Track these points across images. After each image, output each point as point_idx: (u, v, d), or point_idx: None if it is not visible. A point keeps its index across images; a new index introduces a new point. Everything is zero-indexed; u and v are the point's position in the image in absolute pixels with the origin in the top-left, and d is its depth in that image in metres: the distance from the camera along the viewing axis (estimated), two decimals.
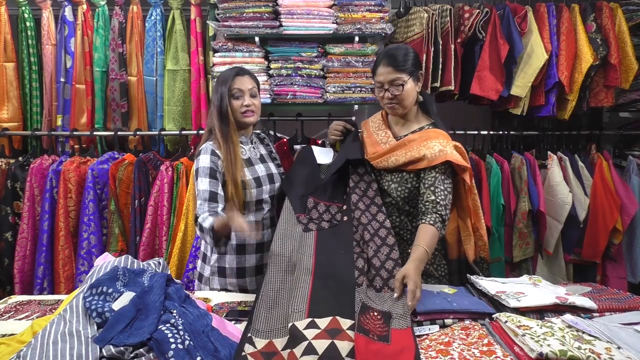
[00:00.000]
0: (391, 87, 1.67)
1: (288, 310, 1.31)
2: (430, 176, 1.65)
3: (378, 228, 1.63)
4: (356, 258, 1.55)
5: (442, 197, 1.60)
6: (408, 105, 1.72)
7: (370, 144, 1.83)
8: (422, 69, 1.77)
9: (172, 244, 2.49)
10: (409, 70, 1.66)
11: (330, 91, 2.59)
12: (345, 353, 1.12)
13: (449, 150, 1.64)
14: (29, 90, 2.83)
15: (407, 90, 1.67)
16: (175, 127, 2.77)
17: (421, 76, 1.74)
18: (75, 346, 1.10)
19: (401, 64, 1.65)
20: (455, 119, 2.97)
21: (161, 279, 1.35)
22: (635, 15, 2.79)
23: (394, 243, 1.59)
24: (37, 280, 2.51)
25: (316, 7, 2.49)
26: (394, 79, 1.66)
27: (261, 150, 1.94)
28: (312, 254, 1.54)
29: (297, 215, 1.72)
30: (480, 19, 2.65)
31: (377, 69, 1.70)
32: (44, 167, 2.60)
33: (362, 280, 1.46)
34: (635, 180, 2.88)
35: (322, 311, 1.28)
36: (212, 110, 1.79)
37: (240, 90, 1.77)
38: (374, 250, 1.56)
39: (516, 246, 2.80)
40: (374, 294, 1.45)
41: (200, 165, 1.73)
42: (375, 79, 1.73)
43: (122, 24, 2.78)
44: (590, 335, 1.18)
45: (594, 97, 2.84)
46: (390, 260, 1.54)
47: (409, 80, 1.67)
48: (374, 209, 1.69)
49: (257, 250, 1.83)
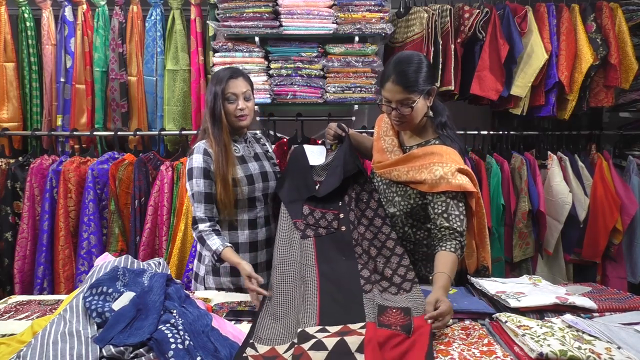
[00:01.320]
0: (400, 106, 1.53)
1: (297, 319, 1.32)
2: (440, 201, 1.51)
3: (385, 240, 1.63)
4: (361, 268, 1.54)
5: (458, 224, 1.48)
6: (416, 122, 1.59)
7: (377, 150, 1.76)
8: (436, 81, 1.62)
9: (172, 244, 2.49)
10: (420, 89, 1.51)
11: (330, 91, 2.59)
12: (355, 348, 1.12)
13: (450, 177, 1.49)
14: (29, 90, 2.83)
15: (417, 109, 1.53)
16: (175, 127, 2.78)
17: (433, 91, 1.58)
18: (75, 346, 1.10)
19: (412, 83, 1.50)
20: (455, 119, 2.96)
21: (161, 279, 1.35)
22: (635, 15, 2.79)
23: (403, 252, 1.59)
24: (37, 280, 2.51)
25: (316, 7, 2.49)
26: (403, 99, 1.51)
27: (256, 149, 1.93)
28: (314, 264, 1.54)
29: (294, 220, 1.71)
30: (480, 19, 2.64)
31: (386, 84, 1.53)
32: (44, 167, 2.60)
33: (370, 287, 1.46)
34: (635, 180, 2.88)
35: (333, 322, 1.29)
36: (206, 111, 1.78)
37: (235, 94, 1.75)
38: (383, 263, 1.57)
39: (516, 246, 2.80)
40: (390, 296, 1.46)
41: (193, 166, 1.73)
42: (382, 92, 1.56)
43: (122, 24, 2.78)
44: (590, 335, 1.18)
45: (594, 97, 2.84)
46: (402, 267, 1.55)
47: (419, 99, 1.52)
48: (378, 221, 1.67)
49: (250, 249, 1.82)
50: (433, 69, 1.59)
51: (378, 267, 1.56)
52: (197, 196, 1.71)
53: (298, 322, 1.31)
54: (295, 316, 1.35)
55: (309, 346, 1.12)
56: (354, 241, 1.63)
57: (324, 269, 1.52)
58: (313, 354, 1.10)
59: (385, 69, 1.56)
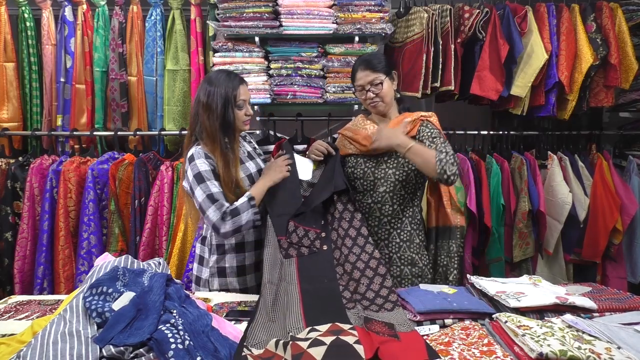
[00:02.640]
0: (371, 87, 1.85)
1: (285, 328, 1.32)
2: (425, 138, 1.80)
3: (368, 260, 1.65)
4: (342, 290, 1.55)
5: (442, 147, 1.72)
6: (388, 101, 1.88)
7: (363, 137, 1.90)
8: (395, 69, 1.94)
9: (172, 244, 2.49)
10: (384, 70, 1.85)
11: (330, 91, 2.59)
12: (352, 341, 1.13)
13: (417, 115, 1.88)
14: (29, 90, 2.83)
15: (385, 88, 1.85)
16: (175, 127, 2.78)
17: (395, 75, 1.92)
18: (75, 346, 1.10)
19: (377, 65, 1.84)
20: (455, 119, 2.98)
21: (161, 279, 1.35)
22: (635, 15, 2.79)
23: (385, 272, 1.63)
24: (37, 280, 2.51)
25: (316, 7, 2.49)
26: (372, 80, 1.84)
27: (247, 148, 1.93)
28: (296, 283, 1.55)
29: (278, 238, 1.71)
30: (480, 19, 2.64)
31: (356, 74, 1.88)
32: (44, 167, 2.60)
33: (353, 305, 1.48)
34: (635, 180, 2.88)
35: (319, 322, 1.29)
36: (211, 117, 1.70)
37: (244, 100, 1.77)
38: (365, 285, 1.58)
39: (516, 246, 2.80)
40: (372, 313, 1.47)
41: (201, 170, 1.67)
42: (355, 84, 1.90)
43: (122, 24, 2.78)
44: (590, 335, 1.18)
45: (594, 97, 2.84)
46: (385, 289, 1.57)
47: (385, 79, 1.85)
48: (361, 240, 1.70)
49: (256, 247, 1.83)
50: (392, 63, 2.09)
51: (360, 289, 1.58)
52: (217, 195, 1.64)
53: (285, 329, 1.31)
54: (282, 325, 1.35)
55: (307, 345, 1.12)
56: (335, 261, 1.65)
57: (305, 287, 1.54)
58: (313, 350, 1.10)
59: (353, 67, 1.93)
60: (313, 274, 1.60)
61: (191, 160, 1.70)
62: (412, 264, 1.88)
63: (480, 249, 2.77)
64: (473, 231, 2.72)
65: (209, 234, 1.83)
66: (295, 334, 1.24)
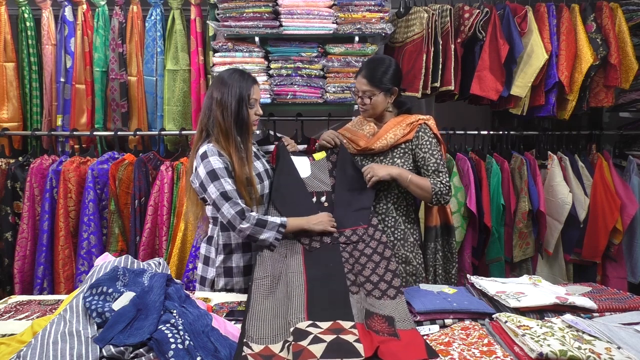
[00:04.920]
0: (363, 96, 1.89)
1: (286, 318, 1.32)
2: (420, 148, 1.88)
3: (376, 246, 1.68)
4: (347, 272, 1.57)
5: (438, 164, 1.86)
6: (378, 112, 1.94)
7: (361, 138, 1.98)
8: (399, 85, 1.92)
9: (172, 244, 2.49)
10: (383, 87, 1.86)
11: (330, 91, 2.59)
12: (352, 340, 1.14)
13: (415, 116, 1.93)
14: (29, 90, 2.83)
15: (374, 101, 1.88)
16: (175, 127, 2.78)
17: (395, 91, 1.91)
18: (75, 346, 1.10)
19: (376, 81, 1.86)
20: (455, 119, 2.98)
21: (161, 279, 1.35)
22: (635, 15, 2.79)
23: (390, 255, 1.64)
24: (37, 280, 2.51)
25: (316, 7, 2.49)
26: (365, 91, 1.87)
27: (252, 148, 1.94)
28: (302, 272, 1.56)
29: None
30: (480, 19, 2.65)
31: (358, 75, 1.90)
32: (44, 167, 2.60)
33: (356, 290, 1.48)
34: (635, 180, 2.88)
35: (321, 317, 1.29)
36: (225, 114, 1.72)
37: (256, 100, 1.80)
38: (371, 269, 1.60)
39: (516, 246, 2.80)
40: (374, 301, 1.48)
41: (214, 167, 1.67)
42: (355, 82, 1.93)
43: (122, 24, 2.78)
44: (590, 335, 1.18)
45: (594, 97, 2.84)
46: (389, 272, 1.58)
47: (379, 94, 1.87)
48: (370, 229, 1.76)
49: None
50: (401, 74, 1.95)
51: (365, 272, 1.59)
52: (231, 193, 1.65)
53: (287, 321, 1.31)
54: (284, 315, 1.36)
55: (307, 342, 1.13)
56: (341, 246, 1.69)
57: (311, 273, 1.55)
58: (313, 347, 1.10)
59: (362, 64, 1.93)
60: (320, 262, 1.62)
61: (204, 157, 1.70)
62: (406, 262, 1.91)
63: (480, 249, 2.77)
64: (473, 231, 2.72)
65: (216, 233, 1.82)
66: (295, 323, 1.24)
